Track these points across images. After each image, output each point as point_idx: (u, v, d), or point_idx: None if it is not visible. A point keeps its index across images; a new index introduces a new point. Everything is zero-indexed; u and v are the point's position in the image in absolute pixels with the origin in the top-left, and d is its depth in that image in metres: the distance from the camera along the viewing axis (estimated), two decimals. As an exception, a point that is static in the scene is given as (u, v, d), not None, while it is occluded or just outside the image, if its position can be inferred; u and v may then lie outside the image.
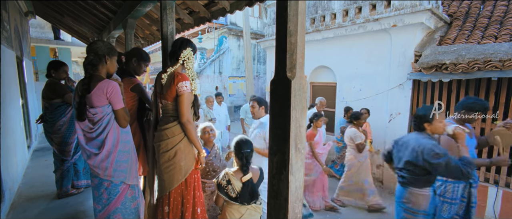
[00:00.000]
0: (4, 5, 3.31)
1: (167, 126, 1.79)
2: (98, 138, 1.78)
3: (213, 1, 2.75)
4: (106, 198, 1.84)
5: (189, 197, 1.84)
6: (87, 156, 1.81)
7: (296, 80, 1.10)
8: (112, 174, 1.81)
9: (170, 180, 1.79)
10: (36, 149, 5.27)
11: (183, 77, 1.74)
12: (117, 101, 1.79)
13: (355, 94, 4.97)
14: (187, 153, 1.81)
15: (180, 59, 1.80)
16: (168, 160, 1.78)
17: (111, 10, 3.70)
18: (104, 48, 1.80)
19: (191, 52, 1.83)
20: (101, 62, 1.79)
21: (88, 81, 1.75)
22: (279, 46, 1.12)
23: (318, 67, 5.67)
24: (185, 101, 1.72)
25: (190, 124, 1.75)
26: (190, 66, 1.84)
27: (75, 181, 3.17)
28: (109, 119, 1.79)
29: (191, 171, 1.85)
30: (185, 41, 1.86)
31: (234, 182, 1.78)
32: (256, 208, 1.87)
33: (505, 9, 4.30)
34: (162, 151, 1.79)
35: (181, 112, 1.73)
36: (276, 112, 1.16)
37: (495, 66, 3.23)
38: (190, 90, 1.76)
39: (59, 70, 2.93)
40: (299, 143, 1.14)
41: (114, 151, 1.81)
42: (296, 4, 1.07)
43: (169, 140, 1.77)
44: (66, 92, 2.89)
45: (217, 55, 10.64)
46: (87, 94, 1.73)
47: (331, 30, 5.15)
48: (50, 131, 2.93)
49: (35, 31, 7.96)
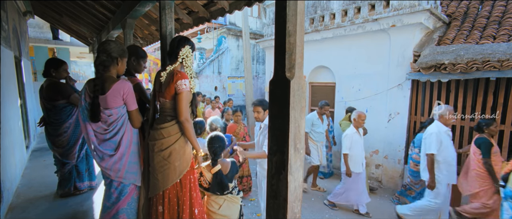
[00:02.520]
0: (3, 5, 3.30)
1: (163, 126, 1.77)
2: (112, 139, 1.77)
3: (212, 1, 2.75)
4: (115, 197, 1.84)
5: (185, 199, 1.82)
6: (100, 158, 1.77)
7: (295, 80, 1.10)
8: (124, 175, 1.81)
9: (164, 179, 1.77)
10: (35, 149, 5.26)
11: (183, 75, 1.72)
12: (132, 102, 1.79)
13: (354, 94, 4.98)
14: (182, 153, 1.79)
15: (179, 57, 1.79)
16: (163, 160, 1.76)
17: (110, 10, 3.69)
18: (117, 49, 1.79)
19: (189, 50, 1.81)
20: (113, 64, 1.79)
21: (101, 82, 1.73)
22: (278, 46, 1.12)
23: (317, 67, 5.67)
24: (184, 100, 1.71)
25: (188, 122, 1.74)
26: (188, 64, 1.83)
27: (78, 183, 3.09)
28: (123, 120, 1.79)
29: (187, 172, 1.83)
30: (183, 39, 1.84)
31: (205, 174, 1.99)
32: (233, 199, 2.07)
33: (503, 9, 4.32)
34: (157, 150, 1.77)
35: (179, 111, 1.71)
36: (275, 112, 1.16)
37: (494, 66, 3.24)
38: (189, 88, 1.74)
39: (59, 69, 2.82)
40: (298, 143, 1.14)
41: (127, 152, 1.81)
42: (295, 4, 1.07)
43: (165, 140, 1.75)
44: (71, 93, 2.80)
45: (216, 55, 10.63)
46: (101, 95, 1.70)
47: (330, 30, 5.15)
48: (54, 134, 2.82)
49: (34, 31, 7.93)
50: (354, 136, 3.42)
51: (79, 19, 4.87)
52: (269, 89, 1.19)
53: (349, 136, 3.41)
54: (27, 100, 5.01)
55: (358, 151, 3.42)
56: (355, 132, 3.43)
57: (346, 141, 3.41)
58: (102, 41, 1.88)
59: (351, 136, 3.41)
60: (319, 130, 4.18)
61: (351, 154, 3.40)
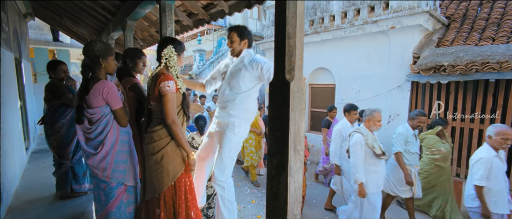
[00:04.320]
0: (3, 7, 3.31)
1: (154, 129, 1.76)
2: (96, 139, 1.78)
3: (212, 3, 2.76)
4: (104, 200, 1.85)
5: (181, 202, 1.80)
6: (86, 156, 1.82)
7: (295, 82, 1.11)
8: (111, 175, 1.80)
9: (159, 183, 1.76)
10: (35, 151, 5.25)
11: (166, 77, 1.69)
12: (114, 101, 1.79)
13: (354, 95, 4.98)
14: (175, 157, 1.77)
15: (162, 58, 1.76)
16: (156, 163, 1.74)
17: (110, 12, 3.70)
18: (98, 49, 1.78)
19: (172, 50, 1.76)
20: (96, 64, 1.80)
21: (86, 83, 1.77)
22: (278, 48, 1.13)
23: (317, 68, 5.68)
24: (169, 102, 1.67)
25: (176, 125, 1.70)
26: (172, 64, 1.78)
27: (74, 185, 3.07)
28: (107, 119, 1.80)
29: (181, 175, 1.81)
30: (165, 40, 1.82)
31: (197, 139, 2.69)
32: None
33: (502, 11, 4.34)
34: (149, 154, 1.76)
35: (165, 113, 1.68)
36: (275, 114, 1.16)
37: (493, 68, 3.25)
38: (174, 89, 1.70)
39: (56, 69, 2.85)
40: (297, 145, 1.15)
41: (113, 151, 1.81)
42: (294, 7, 1.08)
43: (156, 143, 1.74)
44: (64, 93, 2.82)
45: (216, 56, 10.66)
46: (86, 96, 1.74)
47: (330, 32, 5.17)
48: (49, 133, 2.89)
49: (34, 32, 7.94)
50: (494, 161, 2.33)
51: (79, 21, 4.88)
52: (269, 91, 1.19)
53: (486, 160, 2.32)
54: (27, 102, 5.01)
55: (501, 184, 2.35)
56: (495, 155, 2.34)
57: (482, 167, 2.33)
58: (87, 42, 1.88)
59: (491, 161, 2.32)
60: (414, 150, 3.10)
61: (490, 188, 2.33)
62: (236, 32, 2.05)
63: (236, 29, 2.07)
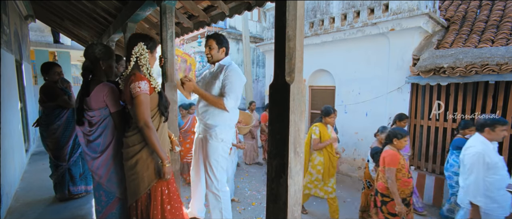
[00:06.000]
0: (4, 9, 3.32)
1: (127, 134, 1.68)
2: (96, 141, 1.79)
3: (213, 6, 2.77)
4: (104, 201, 1.85)
5: (156, 212, 1.66)
6: (86, 159, 1.84)
7: (295, 84, 1.11)
8: (105, 183, 1.82)
9: (135, 189, 1.67)
10: (34, 153, 5.24)
11: (137, 77, 1.58)
12: (112, 103, 1.80)
13: (354, 97, 4.99)
14: (150, 163, 1.66)
15: (132, 57, 1.64)
16: (130, 169, 1.66)
17: (111, 14, 3.71)
18: (99, 52, 1.80)
19: (143, 47, 1.65)
20: (96, 67, 1.82)
21: (86, 85, 1.78)
22: (278, 50, 1.13)
23: (317, 70, 5.69)
24: (141, 104, 1.56)
25: (149, 128, 1.57)
26: (144, 62, 1.66)
27: (71, 187, 3.06)
28: (107, 122, 1.81)
29: (158, 183, 1.68)
30: (134, 36, 1.69)
31: None
32: None
33: (501, 13, 4.35)
34: (125, 159, 1.69)
35: (137, 116, 1.57)
36: (275, 116, 1.17)
37: (492, 70, 3.26)
38: (146, 90, 1.58)
39: (49, 72, 2.83)
40: (298, 147, 1.15)
41: (112, 162, 1.80)
42: (294, 9, 1.09)
43: (130, 149, 1.65)
44: (59, 95, 2.80)
45: (216, 58, 10.66)
46: (86, 97, 1.75)
47: (330, 34, 5.18)
48: (45, 135, 2.88)
49: (35, 34, 7.97)
50: None
51: (80, 23, 4.90)
52: (269, 93, 1.19)
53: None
54: (27, 104, 5.01)
55: None
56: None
57: None
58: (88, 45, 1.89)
59: None
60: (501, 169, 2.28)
61: None
62: (214, 39, 2.09)
63: (214, 37, 2.11)
